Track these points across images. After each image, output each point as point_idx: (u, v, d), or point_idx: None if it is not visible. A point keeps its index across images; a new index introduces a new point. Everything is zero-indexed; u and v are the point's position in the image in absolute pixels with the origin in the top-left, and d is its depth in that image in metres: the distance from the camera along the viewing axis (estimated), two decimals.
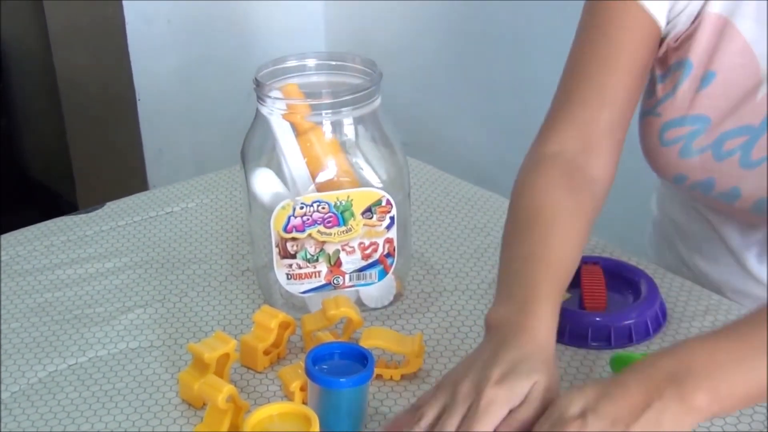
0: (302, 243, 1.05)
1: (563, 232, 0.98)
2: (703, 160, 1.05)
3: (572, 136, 1.04)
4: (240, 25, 2.71)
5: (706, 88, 1.04)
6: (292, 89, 1.05)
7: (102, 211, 1.35)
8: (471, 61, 2.50)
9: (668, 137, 1.07)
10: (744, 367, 0.80)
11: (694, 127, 1.05)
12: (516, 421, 0.81)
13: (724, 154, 1.04)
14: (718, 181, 1.05)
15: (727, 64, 1.03)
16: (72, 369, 1.02)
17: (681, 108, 1.06)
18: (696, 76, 1.05)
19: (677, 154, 1.06)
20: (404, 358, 0.99)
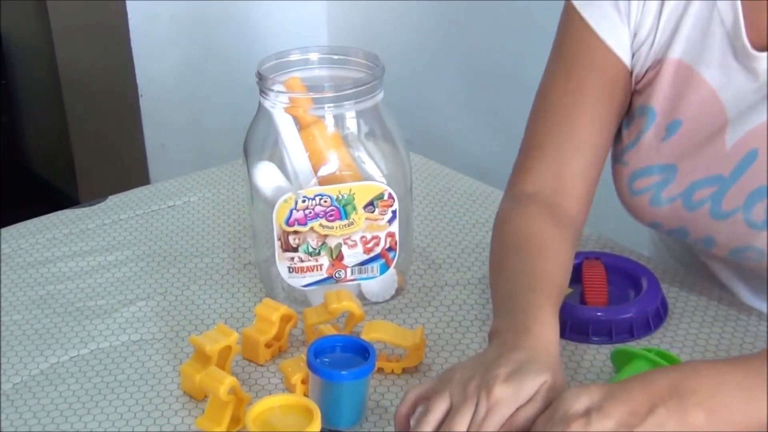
0: (304, 236, 1.05)
1: (553, 255, 0.98)
2: (674, 209, 1.03)
3: (547, 179, 1.04)
4: (242, 21, 2.71)
5: (672, 136, 1.02)
6: (295, 83, 1.05)
7: (104, 205, 1.35)
8: (473, 57, 2.50)
9: (637, 187, 1.05)
10: (747, 397, 0.79)
11: (662, 176, 1.03)
12: (522, 418, 0.80)
13: (695, 204, 1.02)
14: (690, 230, 1.04)
15: (693, 113, 1.01)
16: (74, 361, 1.02)
17: (647, 157, 1.04)
18: (660, 125, 1.03)
19: (647, 203, 1.05)
20: (405, 351, 0.99)
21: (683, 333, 1.04)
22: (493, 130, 2.48)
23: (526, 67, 2.33)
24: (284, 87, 1.04)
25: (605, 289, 1.08)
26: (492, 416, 0.80)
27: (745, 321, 1.06)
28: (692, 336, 1.04)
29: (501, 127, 2.44)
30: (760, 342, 1.02)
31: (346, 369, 0.90)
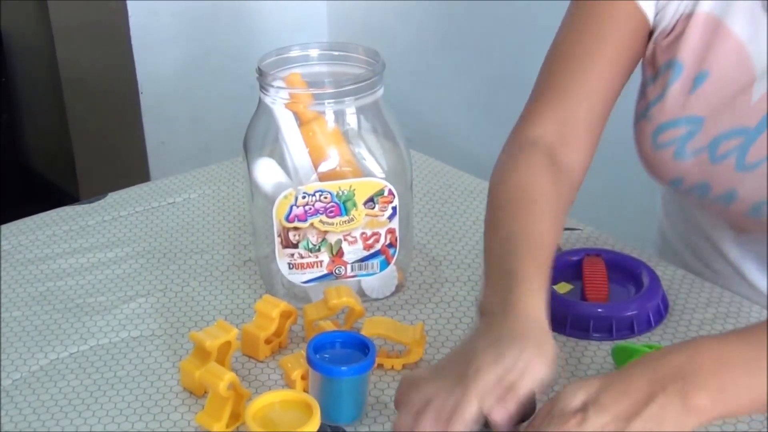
0: (304, 233, 1.05)
1: (544, 214, 0.96)
2: (699, 163, 1.04)
3: (552, 125, 1.03)
4: (243, 19, 2.71)
5: (699, 87, 1.03)
6: (295, 79, 1.05)
7: (104, 201, 1.35)
8: (474, 54, 2.49)
9: (661, 140, 1.05)
10: (752, 373, 0.77)
11: (687, 129, 1.03)
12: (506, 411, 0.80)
13: (719, 158, 1.02)
14: (713, 185, 1.04)
15: (720, 64, 1.01)
16: (73, 357, 1.02)
17: (672, 110, 1.04)
18: (688, 77, 1.03)
19: (671, 156, 1.05)
20: (405, 347, 0.99)
21: (684, 330, 1.04)
22: (493, 128, 2.47)
23: (527, 64, 2.32)
24: (284, 83, 1.04)
25: (606, 285, 1.08)
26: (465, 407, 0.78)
27: (746, 318, 1.06)
28: (693, 333, 1.03)
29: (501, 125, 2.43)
30: None
31: (345, 365, 0.90)
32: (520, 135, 1.05)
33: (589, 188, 1.13)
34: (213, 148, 2.71)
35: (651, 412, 0.74)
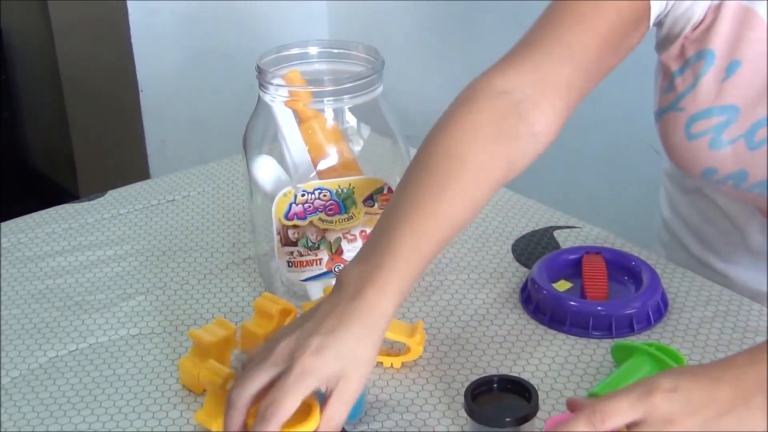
0: (303, 230, 1.05)
1: (462, 193, 0.90)
2: (736, 151, 1.03)
3: (526, 79, 0.97)
4: (242, 17, 2.71)
5: (732, 77, 1.02)
6: (295, 76, 1.05)
7: (103, 199, 1.35)
8: (474, 52, 2.49)
9: (695, 130, 1.04)
10: None
11: (722, 118, 1.03)
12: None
13: (757, 144, 1.02)
14: (751, 172, 1.03)
15: (752, 52, 1.01)
16: (73, 355, 1.02)
17: (706, 100, 1.03)
18: (720, 67, 1.02)
19: (707, 146, 1.04)
20: (405, 345, 0.99)
21: (683, 328, 1.04)
22: None
23: None
24: (284, 81, 1.04)
25: (605, 283, 1.08)
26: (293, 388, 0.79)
27: (746, 316, 1.05)
28: (692, 331, 1.03)
29: None
30: (760, 337, 1.02)
31: None
32: (485, 83, 0.98)
33: (589, 186, 1.13)
34: (213, 146, 2.71)
35: (730, 423, 0.75)
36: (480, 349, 1.01)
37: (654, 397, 0.74)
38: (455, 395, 0.95)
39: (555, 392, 0.95)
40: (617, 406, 0.75)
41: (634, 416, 0.74)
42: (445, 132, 0.94)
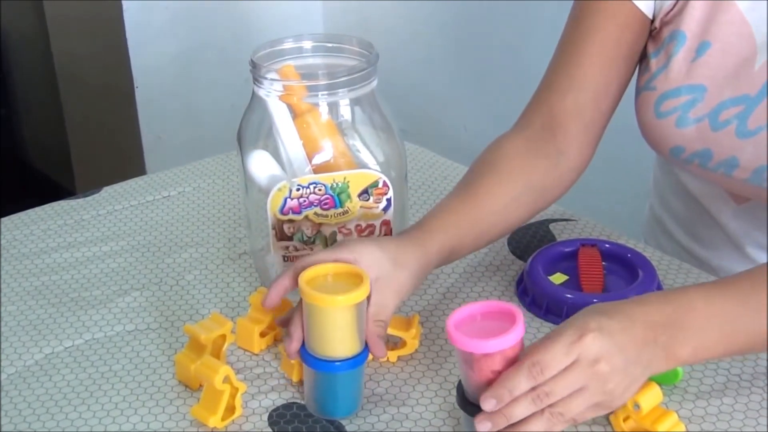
0: (299, 225, 1.05)
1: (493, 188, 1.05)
2: (700, 130, 1.06)
3: (539, 114, 1.09)
4: (238, 11, 2.70)
5: (702, 57, 1.05)
6: (289, 70, 1.05)
7: (99, 196, 1.35)
8: (470, 46, 2.49)
9: (664, 108, 1.07)
10: (733, 329, 0.86)
11: (690, 97, 1.06)
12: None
13: (721, 124, 1.05)
14: (715, 152, 1.06)
15: (722, 34, 1.04)
16: (69, 351, 1.02)
17: (676, 79, 1.07)
18: (690, 47, 1.06)
19: (674, 124, 1.07)
20: (401, 339, 0.99)
21: None
22: (488, 119, 2.47)
23: (522, 56, 2.32)
24: (278, 75, 1.04)
25: (601, 276, 1.08)
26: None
27: None
28: None
29: (497, 116, 2.43)
30: None
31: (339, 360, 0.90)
32: (514, 125, 1.12)
33: (584, 179, 1.13)
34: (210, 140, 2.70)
35: (642, 357, 0.82)
36: None
37: (585, 339, 0.80)
38: (451, 389, 0.95)
39: None
40: (553, 354, 0.80)
41: (569, 361, 0.80)
42: (488, 151, 1.10)
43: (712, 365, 0.97)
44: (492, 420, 0.80)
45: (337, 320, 0.88)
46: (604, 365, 0.80)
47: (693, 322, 0.85)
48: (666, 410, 0.88)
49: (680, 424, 0.88)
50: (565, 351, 0.80)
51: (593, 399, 0.81)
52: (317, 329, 0.89)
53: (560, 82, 1.09)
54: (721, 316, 0.86)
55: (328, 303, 0.87)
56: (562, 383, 0.80)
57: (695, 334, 0.85)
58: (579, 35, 1.08)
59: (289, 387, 0.95)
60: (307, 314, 0.89)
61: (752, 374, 0.95)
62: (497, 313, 0.83)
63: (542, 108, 1.10)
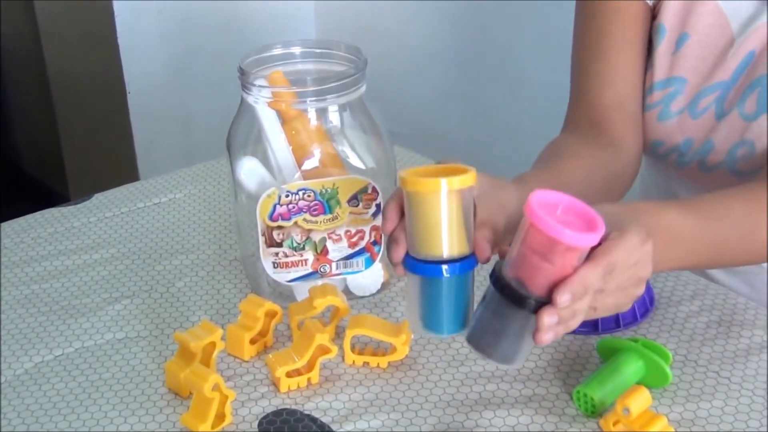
0: (288, 231, 1.05)
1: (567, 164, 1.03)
2: (681, 121, 1.09)
3: (582, 118, 1.12)
4: (230, 17, 2.70)
5: (681, 49, 1.08)
6: (278, 77, 1.05)
7: (90, 203, 1.35)
8: (460, 50, 2.49)
9: (648, 102, 1.10)
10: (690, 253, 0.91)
11: (672, 89, 1.09)
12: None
13: (700, 112, 1.08)
14: (695, 138, 1.09)
15: (699, 25, 1.07)
16: (58, 360, 1.02)
17: (659, 72, 1.09)
18: (671, 39, 1.09)
19: (656, 118, 1.10)
20: (391, 345, 0.99)
21: (669, 323, 1.04)
22: (479, 123, 2.48)
23: (513, 62, 2.33)
24: (267, 81, 1.04)
25: None
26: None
27: (731, 310, 1.06)
28: (678, 326, 1.03)
29: (488, 120, 2.44)
30: (746, 330, 1.02)
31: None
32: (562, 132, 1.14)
33: None
34: (203, 146, 2.70)
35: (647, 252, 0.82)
36: (466, 347, 1.01)
37: (646, 246, 0.80)
38: (441, 394, 0.95)
39: (542, 389, 0.95)
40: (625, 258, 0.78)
41: (634, 261, 0.80)
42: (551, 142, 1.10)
43: (702, 368, 0.97)
44: (560, 314, 0.77)
45: (442, 208, 0.80)
46: (649, 270, 0.82)
47: (664, 238, 0.85)
48: (656, 414, 0.88)
49: (670, 428, 0.88)
50: (633, 254, 0.79)
51: (623, 299, 0.82)
52: (422, 222, 0.81)
53: (592, 82, 1.11)
54: (688, 237, 0.89)
55: (432, 187, 0.80)
56: (617, 282, 0.79)
57: (663, 247, 0.85)
58: (595, 34, 1.11)
59: (279, 394, 0.95)
60: (410, 208, 0.82)
61: (742, 377, 0.96)
62: (575, 212, 0.78)
63: (584, 109, 1.12)
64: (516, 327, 0.79)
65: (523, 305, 0.78)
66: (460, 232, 0.82)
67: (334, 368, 0.99)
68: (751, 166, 1.06)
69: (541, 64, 2.20)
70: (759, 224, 0.94)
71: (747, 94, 1.05)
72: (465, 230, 0.82)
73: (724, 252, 0.95)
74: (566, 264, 0.76)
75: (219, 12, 2.68)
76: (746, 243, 0.95)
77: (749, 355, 0.98)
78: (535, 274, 0.77)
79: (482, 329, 0.81)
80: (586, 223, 0.77)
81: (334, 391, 0.95)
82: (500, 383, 0.96)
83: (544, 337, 0.77)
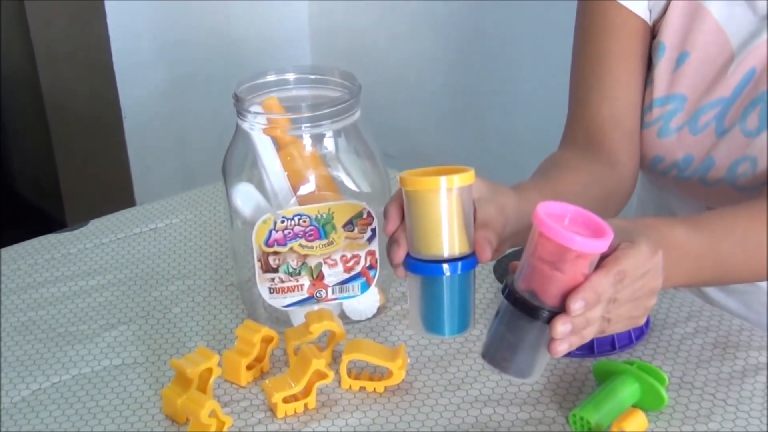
0: (284, 257, 1.05)
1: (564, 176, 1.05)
2: (681, 138, 1.09)
3: (579, 134, 1.13)
4: (225, 42, 2.71)
5: (681, 67, 1.09)
6: (273, 103, 1.05)
7: (86, 229, 1.35)
8: (454, 71, 2.50)
9: (648, 119, 1.11)
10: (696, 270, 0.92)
11: (672, 106, 1.09)
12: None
13: (700, 129, 1.08)
14: (696, 155, 1.09)
15: (700, 44, 1.08)
16: (56, 387, 1.02)
17: (658, 89, 1.10)
18: (671, 57, 1.09)
19: (656, 134, 1.11)
20: (387, 370, 0.99)
21: (665, 345, 1.04)
22: (474, 144, 2.49)
23: (507, 85, 2.34)
24: (262, 108, 1.05)
25: None
26: None
27: (726, 331, 1.06)
28: (674, 347, 1.04)
29: (483, 142, 2.45)
30: (741, 352, 1.03)
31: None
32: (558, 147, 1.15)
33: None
34: (199, 171, 2.71)
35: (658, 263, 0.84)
36: (462, 371, 1.02)
37: (657, 255, 0.82)
38: (438, 418, 0.95)
39: (538, 412, 0.95)
40: (635, 266, 0.80)
41: (643, 272, 0.81)
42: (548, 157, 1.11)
43: (698, 390, 0.97)
44: (573, 322, 0.78)
45: (442, 206, 0.81)
46: (660, 282, 0.83)
47: (671, 254, 0.86)
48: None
49: None
50: (645, 262, 0.80)
51: (636, 312, 0.83)
52: (421, 221, 0.83)
53: (590, 97, 1.12)
54: (694, 254, 0.90)
55: (431, 185, 0.81)
56: (630, 292, 0.80)
57: (670, 263, 0.86)
58: (594, 51, 1.12)
59: (276, 420, 0.95)
60: (409, 208, 0.83)
61: (738, 399, 0.96)
62: (582, 222, 0.79)
63: (581, 125, 1.13)
64: (530, 339, 0.80)
65: (537, 316, 0.79)
66: (461, 231, 0.83)
67: (330, 393, 0.99)
68: (752, 182, 1.07)
69: (536, 87, 2.21)
70: (762, 241, 0.95)
71: (749, 110, 1.06)
72: (465, 229, 0.83)
73: (729, 269, 0.96)
74: (577, 272, 0.77)
75: (214, 37, 2.69)
76: (751, 260, 0.96)
77: (745, 377, 0.99)
78: (546, 284, 0.78)
79: (497, 344, 0.82)
80: (593, 232, 0.78)
81: (331, 417, 0.96)
82: (496, 407, 0.96)
83: (559, 348, 0.78)
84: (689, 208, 1.18)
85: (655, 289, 0.83)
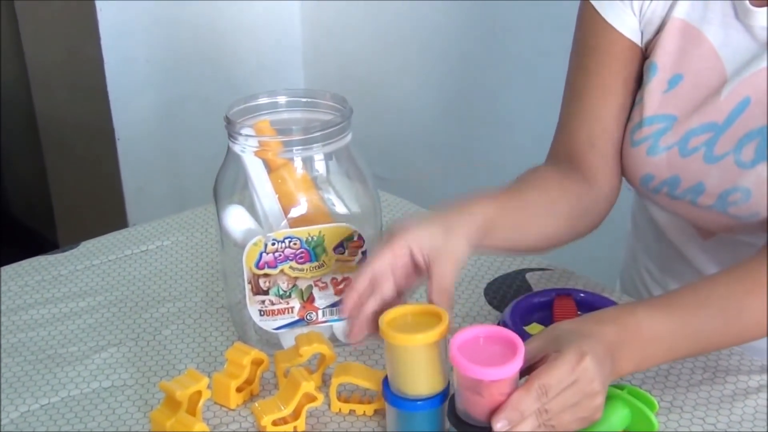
0: (274, 279, 1.05)
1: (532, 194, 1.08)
2: (669, 158, 1.09)
3: (561, 151, 1.16)
4: (219, 64, 2.72)
5: (674, 89, 1.09)
6: (264, 126, 1.06)
7: (77, 251, 1.35)
8: (445, 95, 2.51)
9: (637, 137, 1.11)
10: (669, 347, 0.93)
11: (661, 125, 1.10)
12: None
13: (689, 151, 1.08)
14: (683, 178, 1.09)
15: (694, 67, 1.08)
16: (44, 409, 1.02)
17: (649, 109, 1.10)
18: (662, 79, 1.10)
19: (645, 152, 1.11)
20: (377, 393, 0.99)
21: (654, 369, 1.04)
22: (465, 168, 2.49)
23: (498, 105, 2.34)
24: (253, 130, 1.05)
25: None
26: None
27: (716, 355, 1.06)
28: (663, 372, 1.04)
29: (473, 165, 2.45)
30: (731, 376, 1.03)
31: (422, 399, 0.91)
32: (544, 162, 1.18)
33: None
34: (192, 192, 2.71)
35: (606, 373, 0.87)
36: None
37: (583, 362, 0.84)
38: None
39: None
40: (559, 378, 0.83)
41: (570, 381, 0.83)
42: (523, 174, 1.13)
43: (687, 414, 0.97)
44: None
45: (418, 359, 0.89)
46: (597, 384, 0.85)
47: (638, 341, 0.90)
48: None
49: None
50: (568, 373, 0.83)
51: (582, 413, 0.85)
52: (399, 367, 0.90)
53: (573, 117, 1.14)
54: (663, 334, 0.91)
55: (408, 342, 0.88)
56: (561, 401, 0.83)
57: (638, 350, 0.90)
58: (581, 72, 1.14)
59: None
60: (388, 353, 0.91)
61: (727, 423, 0.96)
62: (495, 338, 0.86)
63: (562, 143, 1.15)
64: None
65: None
66: (435, 374, 0.90)
67: (320, 416, 0.99)
68: (744, 211, 1.06)
69: (526, 111, 2.22)
70: (746, 305, 0.94)
71: (744, 142, 1.05)
72: (440, 370, 0.90)
73: (711, 341, 0.96)
74: (495, 394, 0.83)
75: (207, 60, 2.70)
76: (734, 327, 0.95)
77: (734, 401, 0.99)
78: (474, 406, 0.85)
79: None
80: (510, 348, 0.85)
81: None
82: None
83: None
84: (681, 230, 1.18)
85: (591, 392, 0.85)
